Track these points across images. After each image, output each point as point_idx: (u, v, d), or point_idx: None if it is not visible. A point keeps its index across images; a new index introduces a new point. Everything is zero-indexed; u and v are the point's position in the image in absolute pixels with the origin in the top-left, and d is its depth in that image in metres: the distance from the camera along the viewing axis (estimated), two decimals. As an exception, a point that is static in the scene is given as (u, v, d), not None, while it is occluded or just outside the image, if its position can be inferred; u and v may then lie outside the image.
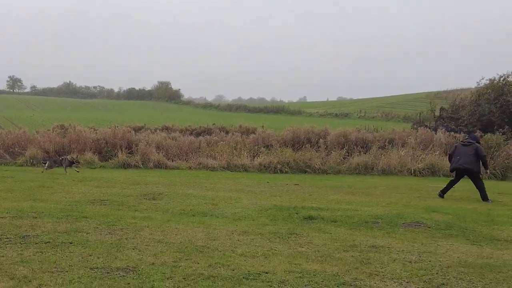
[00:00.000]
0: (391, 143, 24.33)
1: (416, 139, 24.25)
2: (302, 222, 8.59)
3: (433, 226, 8.41)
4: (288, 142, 24.85)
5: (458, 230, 8.17)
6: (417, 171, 21.45)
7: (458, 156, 12.91)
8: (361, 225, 8.39)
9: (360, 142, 24.42)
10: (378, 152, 22.84)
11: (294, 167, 21.45)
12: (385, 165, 21.86)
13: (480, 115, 30.53)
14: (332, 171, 21.47)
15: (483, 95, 32.03)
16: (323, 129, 26.21)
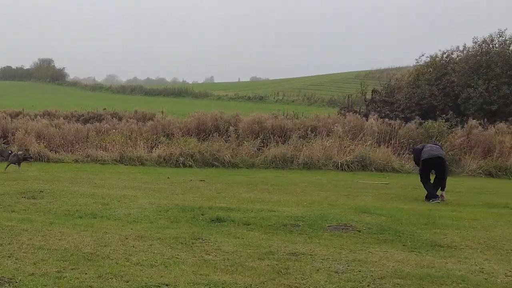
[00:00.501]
0: (314, 131, 24.74)
1: (344, 127, 24.76)
2: (209, 225, 8.83)
3: (363, 229, 8.66)
4: (192, 130, 25.25)
5: (393, 234, 8.36)
6: (344, 164, 21.94)
7: (430, 147, 13.44)
8: (278, 229, 8.61)
9: (278, 131, 24.80)
10: (299, 142, 23.25)
11: (199, 160, 21.83)
12: (307, 158, 22.25)
13: (419, 98, 31.81)
14: (245, 164, 21.89)
15: (423, 75, 33.41)
16: (233, 115, 26.66)
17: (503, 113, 29.71)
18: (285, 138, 24.14)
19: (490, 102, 30.21)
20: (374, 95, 34.62)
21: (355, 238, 8.11)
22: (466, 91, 30.77)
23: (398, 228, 8.83)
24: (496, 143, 23.27)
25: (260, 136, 24.15)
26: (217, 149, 22.34)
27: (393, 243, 7.86)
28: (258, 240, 7.81)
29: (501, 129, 24.77)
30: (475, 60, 32.25)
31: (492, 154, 22.80)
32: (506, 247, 7.77)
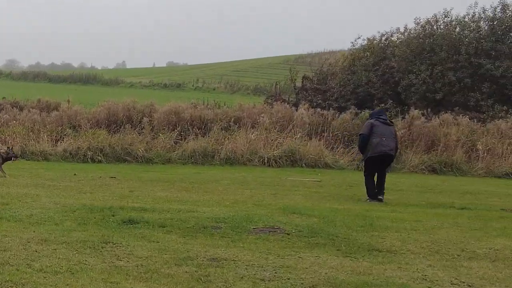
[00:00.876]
0: (237, 123, 25.13)
1: (271, 118, 25.19)
2: (121, 227, 8.96)
3: (293, 232, 8.79)
4: (102, 121, 25.65)
5: (326, 237, 8.49)
6: (272, 160, 22.42)
7: (382, 136, 13.12)
8: (198, 231, 8.78)
9: (197, 122, 25.21)
10: (221, 135, 23.78)
11: (110, 154, 22.42)
12: (230, 152, 22.74)
13: (355, 85, 32.40)
14: (160, 160, 22.55)
15: (359, 60, 34.04)
16: (148, 105, 27.14)
17: (448, 102, 30.64)
18: (206, 130, 24.55)
19: (434, 90, 31.08)
20: (304, 82, 34.94)
21: (284, 242, 8.22)
22: (408, 78, 31.54)
23: (331, 230, 8.95)
24: (441, 135, 24.04)
25: (178, 128, 24.52)
26: (130, 143, 22.76)
27: (326, 247, 7.95)
28: (175, 244, 7.91)
29: (446, 120, 25.59)
30: (418, 43, 33.10)
31: (436, 148, 23.55)
32: (451, 251, 7.90)
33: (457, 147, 23.60)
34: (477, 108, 29.64)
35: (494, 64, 30.32)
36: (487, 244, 8.43)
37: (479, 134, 24.73)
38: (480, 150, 23.62)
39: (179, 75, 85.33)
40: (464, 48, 31.16)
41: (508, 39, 32.42)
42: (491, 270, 6.98)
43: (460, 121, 25.49)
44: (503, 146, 23.88)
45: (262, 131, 23.97)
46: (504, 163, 23.18)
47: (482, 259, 7.55)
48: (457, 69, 31.18)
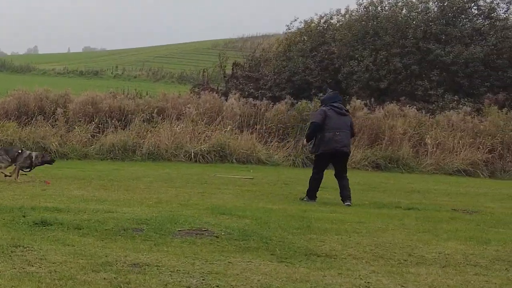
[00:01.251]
0: (161, 114, 25.48)
1: (198, 109, 25.53)
2: (32, 229, 8.96)
3: (222, 235, 8.93)
4: (11, 112, 25.73)
5: (259, 241, 8.60)
6: (199, 155, 22.75)
7: (335, 130, 12.84)
8: (117, 234, 8.85)
9: (117, 113, 25.48)
10: (143, 128, 24.15)
11: None
12: (153, 147, 23.16)
13: (291, 73, 32.73)
14: (76, 155, 22.86)
15: (296, 45, 34.40)
16: (62, 94, 27.32)
17: (394, 91, 31.25)
18: (126, 122, 24.88)
19: (378, 78, 31.67)
20: (235, 69, 35.51)
21: (212, 246, 8.29)
22: (349, 65, 32.06)
23: (265, 233, 9.02)
24: (386, 128, 24.43)
25: (95, 120, 24.73)
26: (42, 136, 22.92)
27: (258, 251, 8.01)
28: (93, 248, 7.95)
29: (391, 111, 26.03)
30: (360, 26, 33.70)
31: (380, 142, 23.93)
32: (397, 256, 7.99)
33: (404, 141, 24.05)
34: (425, 97, 30.34)
35: (444, 49, 31.13)
36: (436, 248, 8.54)
37: (427, 127, 25.27)
38: (429, 144, 24.16)
39: (97, 62, 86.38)
40: (411, 32, 31.85)
41: (459, 22, 33.35)
42: (441, 276, 7.06)
43: (407, 112, 26.00)
44: (454, 140, 24.48)
45: (188, 123, 24.27)
46: (455, 159, 23.76)
47: (431, 264, 7.63)
48: (404, 54, 31.81)
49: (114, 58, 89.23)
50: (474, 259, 7.99)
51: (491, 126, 25.45)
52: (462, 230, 9.97)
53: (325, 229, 9.59)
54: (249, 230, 9.22)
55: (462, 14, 33.46)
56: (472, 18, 33.87)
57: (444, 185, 18.83)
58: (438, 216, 11.52)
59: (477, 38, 32.49)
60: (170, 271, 6.90)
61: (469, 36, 32.29)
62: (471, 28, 32.97)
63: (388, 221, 10.58)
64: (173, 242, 8.41)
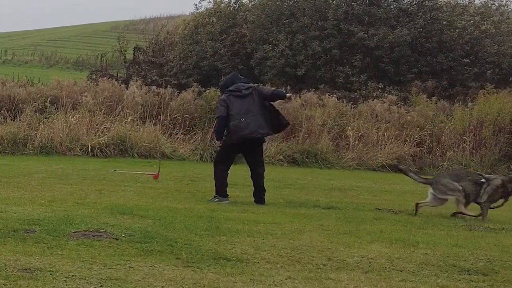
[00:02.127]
0: (55, 103, 25.59)
1: (96, 98, 25.57)
2: None
3: (122, 237, 8.97)
4: None
5: (164, 243, 8.65)
6: (97, 148, 22.98)
7: (239, 117, 12.53)
8: (7, 236, 8.80)
9: (6, 103, 25.58)
10: (35, 119, 24.14)
11: None
12: (46, 140, 23.21)
13: (198, 58, 32.86)
14: None
15: (204, 27, 34.51)
16: None
17: (312, 78, 31.65)
18: (16, 112, 24.89)
19: (295, 63, 31.98)
20: (136, 54, 35.68)
21: (111, 249, 8.24)
22: (262, 49, 32.27)
23: (169, 235, 9.11)
24: (303, 119, 24.68)
25: None
26: None
27: (162, 255, 8.05)
28: None
29: (309, 100, 26.32)
30: (275, 6, 34.00)
31: (297, 135, 24.18)
32: (316, 260, 8.08)
33: (323, 134, 24.37)
34: (347, 85, 30.82)
35: (368, 32, 31.63)
36: (359, 251, 8.67)
37: (349, 118, 25.65)
38: (351, 137, 24.52)
39: None
40: (331, 13, 32.31)
41: (384, 2, 34.01)
42: (364, 283, 7.15)
43: (326, 102, 26.33)
44: (379, 132, 24.91)
45: (85, 113, 24.38)
46: (380, 153, 24.20)
47: (353, 269, 7.74)
48: (323, 38, 32.20)
49: (3, 42, 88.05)
50: (401, 263, 8.13)
51: (419, 117, 25.88)
52: (387, 232, 10.14)
53: (236, 230, 9.68)
54: (152, 231, 9.25)
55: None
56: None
57: (367, 181, 19.19)
58: (361, 216, 11.68)
59: (404, 19, 33.09)
60: (65, 277, 6.87)
61: (395, 18, 32.96)
62: (397, 8, 33.73)
63: (305, 222, 10.69)
64: (68, 245, 8.38)
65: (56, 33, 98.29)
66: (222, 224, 10.07)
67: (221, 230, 9.63)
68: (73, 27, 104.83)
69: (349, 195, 15.42)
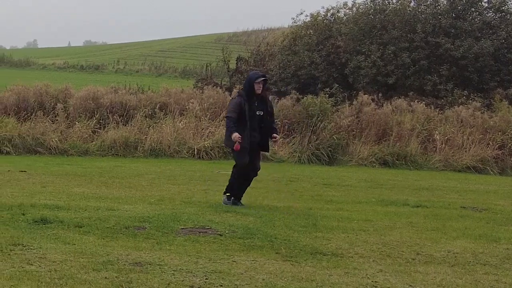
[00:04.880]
0: (164, 109, 25.52)
1: (202, 104, 25.52)
2: (31, 227, 9.03)
3: (226, 233, 9.04)
4: (10, 108, 25.73)
5: (264, 239, 8.70)
6: (202, 151, 22.88)
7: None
8: (119, 232, 8.94)
9: (118, 109, 25.57)
10: (145, 124, 24.22)
11: (19, 145, 22.62)
12: (155, 143, 23.25)
13: (296, 67, 32.82)
14: (77, 151, 22.83)
15: (301, 39, 34.48)
16: (62, 89, 27.30)
17: (402, 86, 31.23)
18: (128, 118, 24.90)
19: (385, 73, 31.60)
20: (239, 63, 35.70)
21: (216, 244, 8.36)
22: (356, 59, 31.97)
23: (269, 231, 9.11)
24: (393, 124, 24.39)
25: (96, 115, 24.70)
26: (42, 132, 22.93)
27: (263, 250, 8.08)
28: (94, 246, 8.00)
29: (399, 107, 26.00)
30: (367, 20, 33.66)
31: (388, 138, 23.88)
32: (405, 255, 8.02)
33: (412, 137, 24.01)
34: (434, 93, 30.33)
35: (454, 43, 31.06)
36: (445, 246, 8.57)
37: (436, 122, 25.21)
38: (438, 140, 24.08)
39: (98, 56, 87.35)
40: (420, 26, 31.80)
41: (469, 16, 33.27)
42: (450, 276, 7.08)
43: (415, 108, 25.96)
44: (464, 136, 24.38)
45: (192, 119, 24.37)
46: (465, 155, 23.68)
47: (440, 263, 7.66)
48: (412, 49, 31.77)
49: (116, 52, 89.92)
50: (484, 257, 8.02)
51: (501, 122, 25.30)
52: (471, 228, 10.00)
53: (331, 227, 9.67)
54: (254, 228, 9.33)
55: (472, 7, 33.37)
56: (482, 11, 33.69)
57: (453, 182, 18.81)
58: (447, 214, 11.53)
59: (487, 32, 32.34)
60: (173, 270, 6.94)
61: (479, 30, 32.17)
62: (481, 21, 32.86)
63: (395, 219, 10.63)
64: (176, 241, 8.49)
65: (164, 44, 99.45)
66: (318, 221, 10.06)
67: (318, 226, 9.64)
68: (180, 38, 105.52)
69: (436, 194, 15.13)
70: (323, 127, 23.29)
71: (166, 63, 71.77)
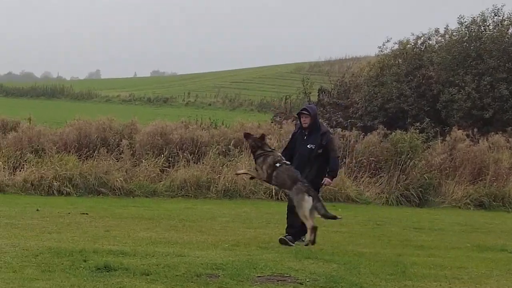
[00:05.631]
0: (238, 146, 25.44)
1: (281, 140, 25.26)
2: (94, 275, 9.14)
3: (306, 281, 9.01)
4: (71, 144, 25.69)
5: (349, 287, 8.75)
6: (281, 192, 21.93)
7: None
8: (189, 280, 9.01)
9: (189, 145, 25.51)
10: (218, 162, 24.07)
11: (80, 185, 22.57)
12: (230, 183, 23.07)
13: (384, 100, 32.68)
14: (143, 191, 22.71)
15: (389, 68, 34.33)
16: (128, 124, 27.39)
17: (499, 121, 30.80)
18: (199, 155, 24.87)
19: (481, 106, 31.23)
20: (321, 96, 35.74)
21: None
22: (448, 91, 31.71)
23: (354, 279, 9.14)
24: (490, 162, 24.05)
25: (165, 152, 24.74)
26: (105, 171, 23.05)
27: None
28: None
29: (496, 143, 25.64)
30: (461, 48, 33.35)
31: (484, 178, 23.55)
32: (503, 306, 7.91)
33: (510, 176, 23.65)
34: (535, 128, 29.73)
35: (558, 74, 30.49)
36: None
37: (538, 160, 24.74)
38: (540, 180, 23.62)
39: (166, 88, 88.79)
40: (519, 55, 31.36)
41: None
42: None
43: (514, 144, 25.56)
44: None
45: None
46: None
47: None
48: (511, 80, 31.30)
49: (186, 84, 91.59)
50: None
51: None
52: None
53: (421, 275, 9.63)
54: (337, 276, 9.34)
55: None
56: None
57: (557, 226, 18.40)
58: (550, 262, 11.30)
59: None
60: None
61: None
62: None
63: (492, 266, 10.51)
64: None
65: (239, 75, 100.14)
66: (408, 268, 10.02)
67: (407, 274, 9.61)
68: (256, 68, 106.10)
69: (538, 240, 14.88)
70: (413, 165, 23.08)
71: (241, 95, 72.43)
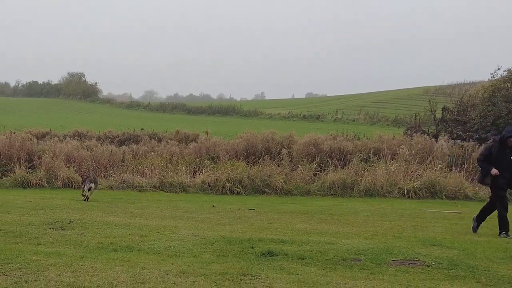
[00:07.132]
0: (377, 154, 28.63)
1: (411, 150, 28.29)
2: (259, 259, 10.29)
3: (432, 264, 10.05)
4: (240, 153, 29.71)
5: (466, 269, 9.72)
6: (411, 191, 25.47)
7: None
8: (337, 263, 10.05)
9: (336, 154, 29.03)
10: (360, 167, 27.36)
11: (248, 186, 26.11)
12: (370, 184, 26.05)
13: (495, 117, 34.49)
14: (299, 191, 25.84)
15: (500, 91, 36.08)
16: (287, 136, 31.19)
17: None
18: (345, 162, 28.10)
19: None
20: (444, 113, 38.03)
21: (423, 274, 9.27)
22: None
23: (471, 263, 10.13)
24: None
25: (317, 159, 28.06)
26: (269, 174, 26.21)
27: (465, 279, 9.02)
28: (315, 276, 8.91)
29: None
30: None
31: None
32: None
33: None
34: None
35: None
36: None
37: None
38: None
39: (318, 107, 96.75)
40: None
41: None
42: None
43: None
44: None
45: (402, 162, 27.18)
46: None
47: None
48: None
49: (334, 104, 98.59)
50: None
51: None
52: None
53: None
54: (457, 260, 10.30)
55: None
56: None
57: None
58: None
59: None
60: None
61: None
62: None
63: None
64: (388, 271, 9.43)
65: (377, 96, 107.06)
66: (516, 253, 11.07)
67: (515, 258, 10.65)
68: (392, 91, 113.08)
69: None
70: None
71: (379, 113, 77.88)
